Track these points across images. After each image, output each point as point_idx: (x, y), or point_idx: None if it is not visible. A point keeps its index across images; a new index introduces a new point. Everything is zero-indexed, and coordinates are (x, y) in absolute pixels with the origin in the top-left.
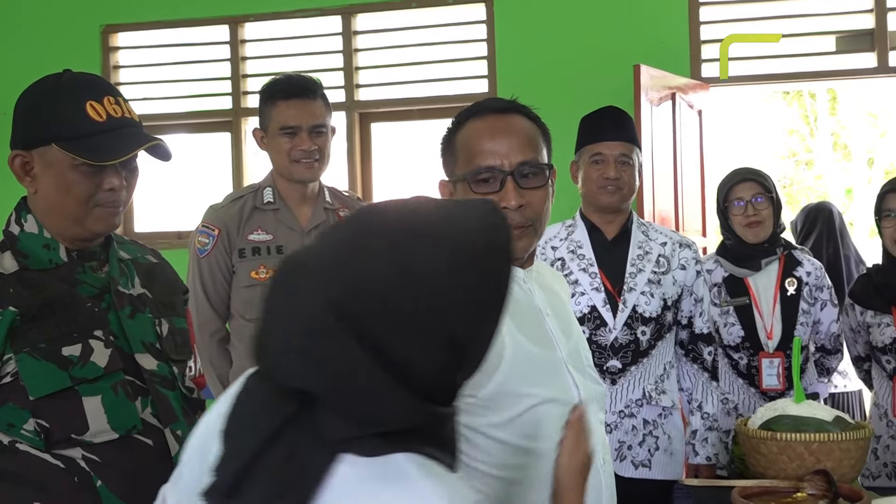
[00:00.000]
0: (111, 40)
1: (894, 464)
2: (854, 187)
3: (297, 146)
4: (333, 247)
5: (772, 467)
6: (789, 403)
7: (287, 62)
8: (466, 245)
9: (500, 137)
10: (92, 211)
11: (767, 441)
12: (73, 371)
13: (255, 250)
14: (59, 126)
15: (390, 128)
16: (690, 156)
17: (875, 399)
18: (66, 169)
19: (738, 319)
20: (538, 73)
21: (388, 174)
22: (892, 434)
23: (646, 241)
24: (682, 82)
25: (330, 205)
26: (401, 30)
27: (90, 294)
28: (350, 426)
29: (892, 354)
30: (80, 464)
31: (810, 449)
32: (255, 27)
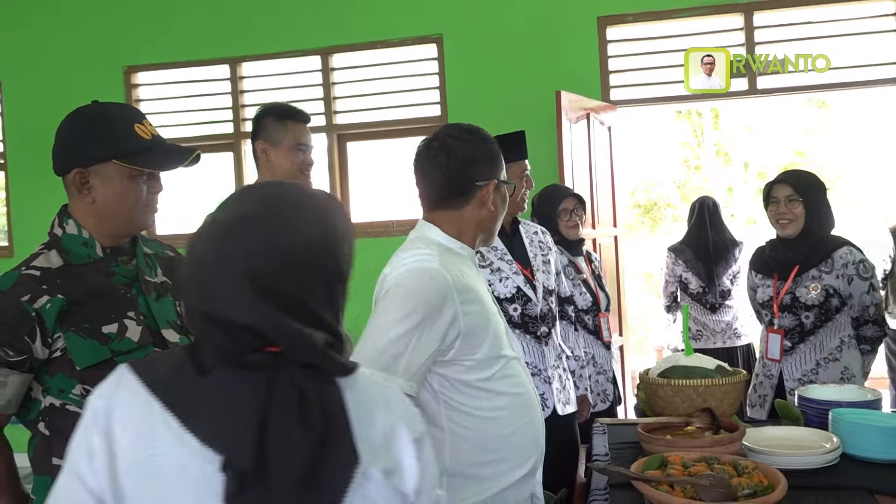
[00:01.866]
0: (133, 78)
1: (765, 396)
2: (734, 186)
3: (305, 160)
4: (258, 216)
5: (668, 407)
6: (681, 356)
7: (277, 94)
8: (341, 213)
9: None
10: (143, 211)
11: (664, 386)
12: (112, 345)
13: None
14: (117, 146)
15: (363, 146)
16: (602, 163)
17: (760, 345)
18: (123, 179)
19: (586, 290)
20: (479, 99)
21: (362, 184)
22: (765, 372)
23: (528, 232)
24: (594, 104)
25: None
26: (370, 66)
27: (122, 283)
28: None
29: (768, 310)
30: None
31: (697, 392)
32: (251, 66)
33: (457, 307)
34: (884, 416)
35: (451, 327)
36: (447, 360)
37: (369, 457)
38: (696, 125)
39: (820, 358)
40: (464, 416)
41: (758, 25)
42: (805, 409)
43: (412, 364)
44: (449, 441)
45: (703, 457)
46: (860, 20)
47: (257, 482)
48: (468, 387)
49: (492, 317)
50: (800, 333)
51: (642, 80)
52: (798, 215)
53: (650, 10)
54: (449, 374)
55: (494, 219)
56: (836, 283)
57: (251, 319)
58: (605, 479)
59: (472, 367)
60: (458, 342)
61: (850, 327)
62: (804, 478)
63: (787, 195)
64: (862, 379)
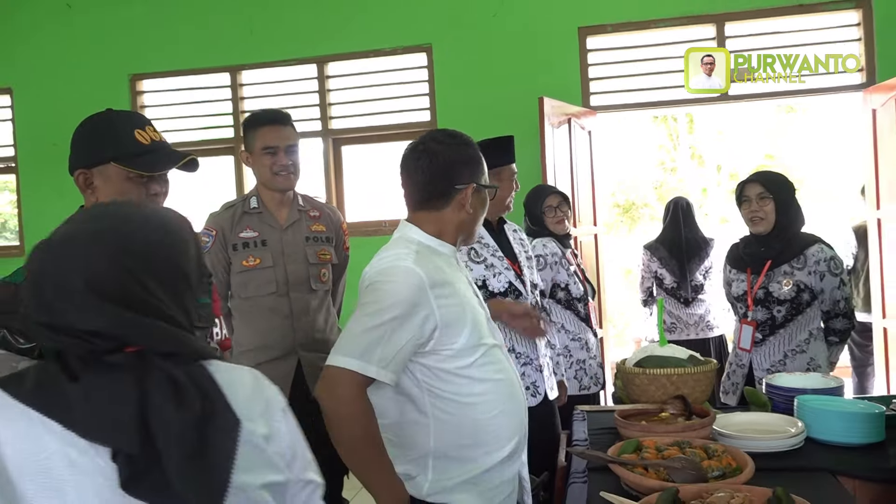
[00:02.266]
0: (138, 86)
1: (737, 383)
2: (708, 187)
3: (277, 162)
4: (111, 226)
5: (643, 394)
6: (656, 347)
7: (275, 100)
8: (179, 226)
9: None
10: None
11: (640, 375)
12: None
13: (245, 244)
14: (115, 149)
15: (357, 149)
16: (583, 165)
17: (733, 336)
18: (122, 181)
19: (578, 280)
20: (467, 105)
21: (356, 185)
22: (737, 362)
23: (510, 230)
24: (575, 110)
25: (302, 207)
26: (363, 73)
27: None
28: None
29: (742, 303)
30: None
31: (671, 380)
32: (250, 73)
33: (431, 302)
34: (845, 402)
35: (427, 321)
36: (427, 350)
37: (248, 423)
38: (672, 129)
39: (788, 350)
40: (446, 402)
41: (729, 35)
42: (772, 395)
43: (387, 354)
44: (433, 426)
45: (676, 441)
46: (826, 30)
47: (149, 464)
48: (449, 374)
49: (469, 308)
50: (771, 326)
51: (621, 87)
52: (769, 213)
53: (628, 20)
54: (430, 363)
55: (473, 220)
56: (807, 279)
57: (98, 325)
58: (584, 463)
59: (451, 357)
60: (437, 333)
61: (819, 321)
62: (771, 460)
63: (758, 193)
64: (828, 369)
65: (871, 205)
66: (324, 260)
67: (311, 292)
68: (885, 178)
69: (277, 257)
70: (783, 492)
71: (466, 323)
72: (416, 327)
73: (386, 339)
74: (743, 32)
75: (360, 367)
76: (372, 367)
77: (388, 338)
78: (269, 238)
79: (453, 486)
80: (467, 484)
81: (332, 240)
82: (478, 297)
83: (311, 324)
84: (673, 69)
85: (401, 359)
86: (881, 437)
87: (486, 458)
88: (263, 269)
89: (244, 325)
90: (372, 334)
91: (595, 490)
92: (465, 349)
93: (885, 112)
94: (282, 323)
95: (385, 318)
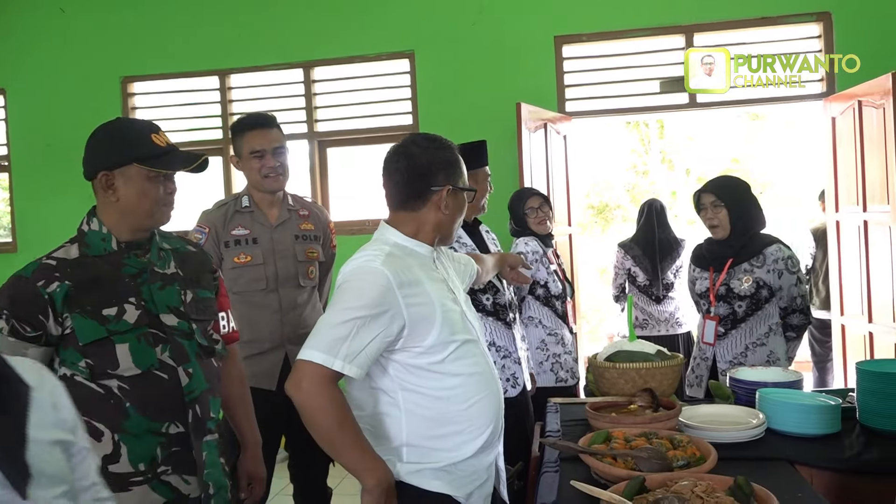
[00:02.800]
0: (129, 88)
1: (701, 376)
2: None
3: (265, 164)
4: None
5: (613, 388)
6: (626, 342)
7: (263, 103)
8: None
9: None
10: (160, 209)
11: (610, 369)
12: (109, 326)
13: (237, 242)
14: (138, 150)
15: (342, 152)
16: (558, 168)
17: (697, 331)
18: (143, 180)
19: (556, 278)
20: (448, 109)
21: (341, 186)
22: (701, 355)
23: (483, 230)
24: (551, 115)
25: (292, 206)
26: (348, 78)
27: (131, 273)
28: None
29: (705, 299)
30: (114, 391)
31: (640, 373)
32: (239, 77)
33: (399, 301)
34: (804, 395)
35: (394, 319)
36: (397, 348)
37: (37, 392)
38: (644, 135)
39: (749, 343)
40: (418, 396)
41: (697, 45)
42: (735, 388)
43: (353, 349)
44: (405, 419)
45: (644, 432)
46: (790, 41)
47: None
48: (421, 370)
49: (439, 306)
50: (732, 321)
51: (595, 93)
52: (723, 219)
53: (602, 30)
54: (401, 359)
55: (450, 221)
56: (766, 276)
57: None
58: (557, 453)
59: (421, 353)
60: (405, 332)
61: (777, 316)
62: (733, 450)
63: (712, 202)
64: (786, 362)
65: (830, 208)
66: (312, 258)
67: (300, 288)
68: (844, 183)
69: (268, 255)
70: (744, 480)
71: (435, 321)
72: (382, 326)
73: (353, 335)
74: (711, 43)
75: (325, 360)
76: (337, 361)
77: (354, 334)
78: (259, 236)
79: (427, 471)
80: (440, 472)
81: (320, 238)
82: (453, 294)
83: (298, 318)
84: (644, 77)
85: (368, 354)
86: (837, 429)
87: (460, 448)
88: (254, 266)
89: (235, 320)
90: (339, 330)
91: (566, 479)
92: (435, 346)
93: (843, 120)
94: (271, 317)
95: (351, 316)
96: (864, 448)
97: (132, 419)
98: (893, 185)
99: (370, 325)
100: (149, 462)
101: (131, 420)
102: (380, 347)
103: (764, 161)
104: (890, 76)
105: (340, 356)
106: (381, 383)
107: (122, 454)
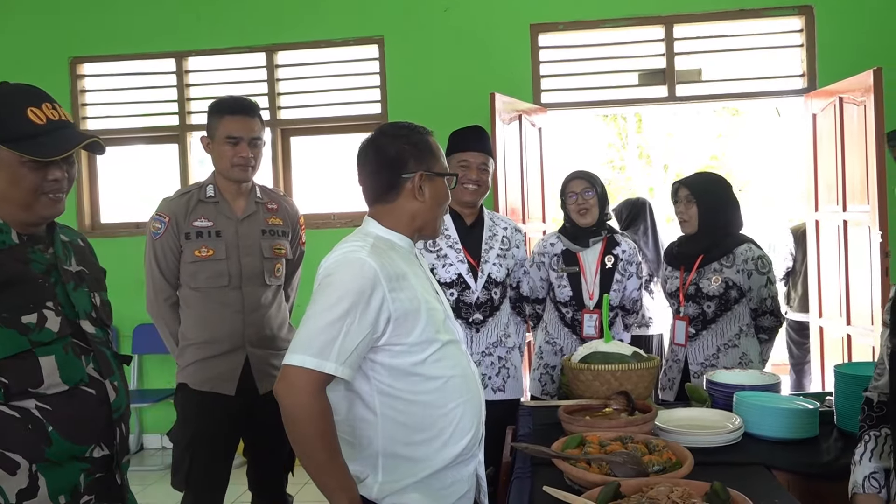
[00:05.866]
0: (78, 69)
1: (674, 379)
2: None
3: (238, 153)
4: None
5: (588, 390)
6: (601, 343)
7: (223, 88)
8: None
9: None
10: (39, 199)
11: (585, 371)
12: (32, 336)
13: (199, 234)
14: (4, 130)
15: (307, 141)
16: (533, 162)
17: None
18: (15, 165)
19: (568, 283)
20: (418, 98)
21: (305, 177)
22: (673, 357)
23: (493, 226)
24: (526, 107)
25: (259, 199)
26: (313, 64)
27: (40, 271)
28: None
29: (675, 299)
30: (33, 413)
31: (615, 376)
32: (197, 60)
33: (385, 293)
34: (781, 398)
35: (381, 313)
36: (380, 345)
37: None
38: (622, 129)
39: (720, 344)
40: (396, 400)
41: (677, 37)
42: (712, 391)
43: (345, 349)
44: (381, 424)
45: (619, 436)
46: (771, 35)
47: None
48: (399, 371)
49: (424, 303)
50: (702, 321)
51: (571, 85)
52: (692, 215)
53: (580, 19)
54: (381, 359)
55: (429, 210)
56: (735, 276)
57: None
58: (529, 458)
59: (403, 352)
60: (390, 327)
61: (748, 317)
62: (710, 455)
63: (686, 195)
64: (760, 364)
65: (809, 207)
66: (278, 254)
67: (265, 287)
68: (824, 181)
69: (231, 249)
70: (720, 486)
71: (420, 317)
72: (371, 319)
73: (343, 333)
74: (690, 35)
75: (317, 364)
76: (330, 363)
77: (345, 332)
78: (223, 229)
79: (404, 487)
80: (419, 485)
81: (289, 234)
82: (437, 293)
83: (261, 319)
84: (623, 69)
85: (358, 354)
86: (815, 433)
87: (439, 455)
88: (216, 261)
89: (192, 318)
90: (328, 330)
91: (539, 485)
92: (418, 344)
93: (824, 117)
94: (232, 317)
95: (339, 312)
96: (842, 453)
97: (55, 445)
98: (874, 185)
99: (359, 319)
100: (70, 493)
101: (55, 447)
102: (368, 345)
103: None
104: (871, 73)
105: (332, 358)
106: (358, 386)
107: (41, 486)
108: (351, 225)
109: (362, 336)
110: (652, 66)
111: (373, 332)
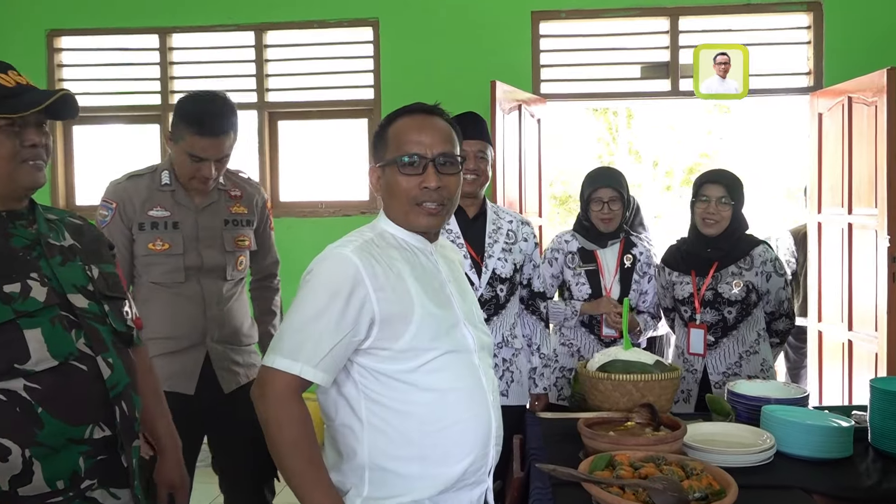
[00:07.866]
0: (55, 42)
1: (689, 391)
2: (643, 183)
3: (200, 171)
4: None
5: (607, 401)
6: (620, 350)
7: (208, 68)
8: None
9: (425, 132)
10: (20, 167)
11: (604, 380)
12: (16, 305)
13: (154, 225)
14: None
15: (295, 125)
16: (531, 155)
17: (676, 341)
18: None
19: (587, 280)
20: (414, 84)
21: (293, 163)
22: (688, 367)
23: (497, 220)
24: (526, 97)
25: (222, 186)
26: (304, 45)
27: (23, 245)
28: None
29: (688, 306)
30: (21, 394)
31: (637, 386)
32: (181, 37)
33: (368, 293)
34: (812, 413)
35: (363, 313)
36: (365, 348)
37: None
38: (612, 124)
39: (742, 351)
40: (382, 408)
41: (682, 30)
42: (734, 404)
43: (318, 351)
44: (367, 433)
45: (650, 456)
46: (777, 31)
47: None
48: (387, 377)
49: (420, 307)
50: (723, 328)
51: (572, 75)
52: (725, 217)
53: (582, 8)
54: (367, 363)
55: (393, 202)
56: (755, 279)
57: None
58: (547, 477)
59: (390, 358)
60: (375, 329)
61: (763, 322)
62: (742, 476)
63: (720, 196)
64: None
65: (812, 208)
66: (241, 247)
67: (226, 281)
68: (828, 183)
69: (189, 242)
70: None
71: (411, 322)
72: (350, 320)
73: (317, 334)
74: (696, 28)
75: (287, 366)
76: (299, 365)
77: (318, 333)
78: (182, 220)
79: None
80: None
81: (253, 223)
82: (448, 299)
83: (223, 314)
84: (625, 60)
85: (335, 357)
86: (849, 452)
87: (433, 475)
88: (172, 256)
89: (149, 312)
90: (302, 331)
91: None
92: (407, 351)
93: (831, 117)
94: (192, 312)
95: (312, 312)
96: (883, 476)
97: (47, 427)
98: (882, 187)
99: (337, 321)
100: (69, 478)
101: (47, 429)
102: (349, 348)
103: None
104: (885, 72)
105: (303, 360)
106: (345, 389)
107: (35, 472)
108: (340, 214)
109: (339, 338)
110: (655, 58)
111: (353, 335)
